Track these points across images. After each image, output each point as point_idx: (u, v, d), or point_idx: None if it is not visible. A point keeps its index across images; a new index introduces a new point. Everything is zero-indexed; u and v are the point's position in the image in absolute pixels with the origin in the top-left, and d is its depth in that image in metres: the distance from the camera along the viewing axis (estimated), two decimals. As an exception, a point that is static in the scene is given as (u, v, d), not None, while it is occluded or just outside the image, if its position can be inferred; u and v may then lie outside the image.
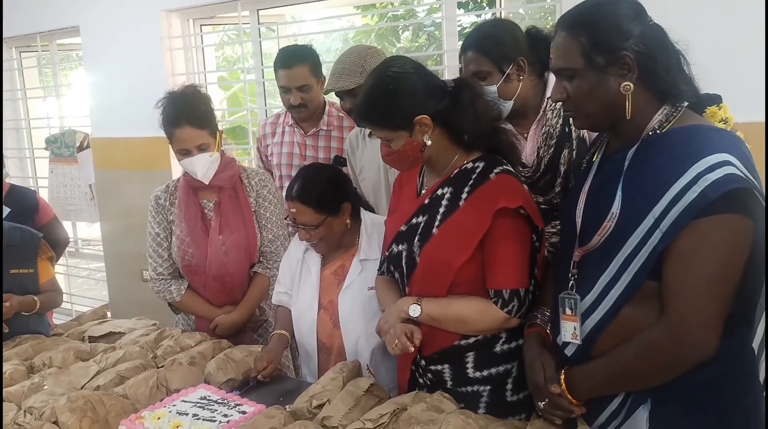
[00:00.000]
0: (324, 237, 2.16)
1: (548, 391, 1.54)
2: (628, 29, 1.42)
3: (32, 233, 2.68)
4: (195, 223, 2.51)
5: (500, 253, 1.75)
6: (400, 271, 1.91)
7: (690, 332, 1.34)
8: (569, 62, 1.47)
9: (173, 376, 2.06)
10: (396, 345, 1.76)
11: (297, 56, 2.90)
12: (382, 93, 1.79)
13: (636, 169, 1.44)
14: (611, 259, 1.45)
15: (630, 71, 1.43)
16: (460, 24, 6.24)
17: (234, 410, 1.87)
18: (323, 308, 2.22)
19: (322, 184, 2.14)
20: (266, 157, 3.16)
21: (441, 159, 1.86)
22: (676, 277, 1.36)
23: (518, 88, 2.10)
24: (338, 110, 3.07)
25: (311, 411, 1.82)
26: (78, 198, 4.85)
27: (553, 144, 2.11)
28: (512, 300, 1.75)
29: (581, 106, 1.50)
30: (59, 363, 2.21)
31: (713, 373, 1.39)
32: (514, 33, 2.12)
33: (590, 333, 1.51)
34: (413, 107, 1.76)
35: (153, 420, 1.81)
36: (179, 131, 2.39)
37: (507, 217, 1.73)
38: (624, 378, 1.47)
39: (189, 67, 4.24)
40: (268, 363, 2.14)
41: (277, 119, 3.14)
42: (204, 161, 2.42)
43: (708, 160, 1.33)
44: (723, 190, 1.30)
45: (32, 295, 2.57)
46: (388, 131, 1.80)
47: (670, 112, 1.46)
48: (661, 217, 1.35)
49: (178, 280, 2.59)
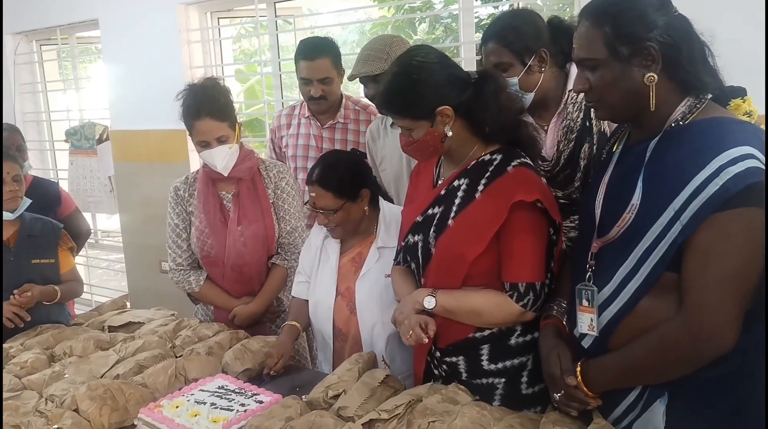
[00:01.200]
0: (342, 223, 2.18)
1: (564, 383, 1.53)
2: (653, 20, 1.40)
3: (53, 224, 2.72)
4: (214, 214, 2.53)
5: (516, 246, 1.74)
6: (416, 261, 1.91)
7: (708, 326, 1.33)
8: (592, 53, 1.46)
9: (191, 366, 2.09)
10: (411, 336, 1.77)
11: (320, 48, 2.90)
12: (405, 82, 1.78)
13: (657, 160, 1.43)
14: (630, 251, 1.44)
15: (654, 62, 1.41)
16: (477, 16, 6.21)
17: (251, 399, 1.89)
18: (340, 295, 2.24)
19: (342, 170, 2.17)
20: (280, 148, 3.17)
21: (460, 150, 1.85)
22: (695, 270, 1.35)
23: (540, 79, 2.08)
24: (355, 103, 3.07)
25: (327, 401, 1.84)
26: (97, 190, 4.90)
27: (573, 138, 2.08)
28: (528, 293, 1.75)
29: (604, 97, 1.49)
30: (80, 352, 2.25)
31: (730, 368, 1.38)
32: (535, 23, 2.09)
33: (607, 325, 1.50)
34: (436, 98, 1.76)
35: (171, 408, 1.83)
36: (199, 123, 2.41)
37: (524, 210, 1.72)
38: (640, 371, 1.46)
39: (206, 60, 4.26)
40: (279, 358, 2.16)
41: (293, 111, 3.14)
42: (223, 153, 2.44)
43: (730, 152, 1.31)
44: (744, 184, 1.29)
45: (53, 285, 2.61)
46: (410, 121, 1.80)
47: (693, 103, 1.44)
48: (682, 210, 1.34)
49: (197, 271, 2.61)
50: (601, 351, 1.52)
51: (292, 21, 4.54)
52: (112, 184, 4.80)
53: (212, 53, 4.31)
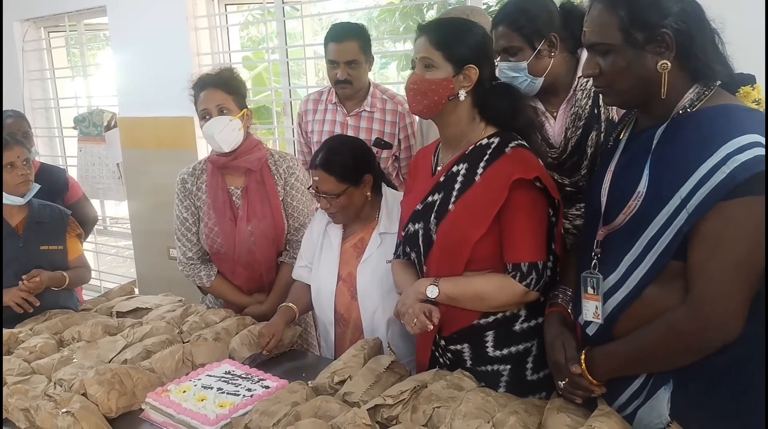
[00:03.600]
0: (344, 208, 2.18)
1: (569, 371, 1.53)
2: (668, 6, 1.38)
3: (61, 211, 2.74)
4: (224, 211, 2.51)
5: (517, 225, 1.75)
6: (417, 250, 1.91)
7: (714, 315, 1.33)
8: (606, 37, 1.43)
9: (198, 351, 2.10)
10: (415, 324, 1.77)
11: (349, 31, 2.88)
12: (464, 23, 1.85)
13: (664, 148, 1.42)
14: (636, 239, 1.43)
15: (668, 50, 1.39)
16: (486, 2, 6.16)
17: (257, 385, 1.91)
18: (342, 280, 2.25)
19: (346, 154, 2.18)
20: (306, 133, 3.13)
21: (458, 128, 1.85)
22: (701, 258, 1.34)
23: (549, 64, 2.06)
24: (383, 92, 3.02)
25: (333, 387, 1.85)
26: (106, 177, 4.92)
27: (581, 125, 2.07)
28: (530, 273, 1.75)
29: (614, 82, 1.47)
30: (88, 337, 2.27)
31: (736, 356, 1.38)
32: (547, 8, 2.07)
33: (612, 312, 1.50)
34: (476, 54, 1.79)
35: (179, 393, 1.85)
36: (203, 93, 2.44)
37: (523, 189, 1.73)
38: (645, 359, 1.46)
39: (214, 47, 4.26)
40: (270, 338, 2.17)
41: (320, 96, 3.10)
42: (222, 123, 2.41)
43: (738, 140, 1.30)
44: (752, 172, 1.28)
45: (61, 270, 2.63)
46: (441, 55, 1.77)
47: (701, 90, 1.42)
48: (688, 198, 1.33)
49: (208, 265, 2.61)
50: (606, 338, 1.52)
51: (300, 8, 4.52)
52: (120, 171, 4.81)
53: (219, 40, 4.30)
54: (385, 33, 9.78)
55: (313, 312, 2.44)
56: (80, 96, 5.22)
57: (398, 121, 2.96)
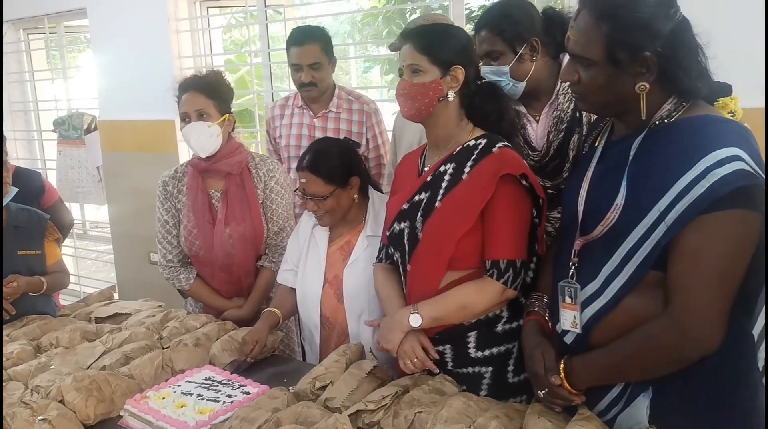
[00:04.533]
0: (331, 210, 2.18)
1: (548, 382, 1.53)
2: (657, 29, 1.36)
3: (39, 215, 2.70)
4: (203, 214, 2.50)
5: (500, 221, 1.77)
6: (401, 249, 1.92)
7: (695, 327, 1.33)
8: (589, 52, 1.42)
9: (178, 357, 2.08)
10: (415, 362, 1.79)
11: (309, 34, 2.91)
12: (445, 26, 1.92)
13: (642, 159, 1.42)
14: (614, 250, 1.43)
15: (649, 72, 1.39)
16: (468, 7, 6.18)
17: (238, 391, 1.89)
18: (328, 283, 2.24)
19: (333, 157, 2.18)
20: (275, 139, 3.16)
21: (446, 129, 1.88)
22: (681, 271, 1.35)
23: (531, 68, 2.08)
24: (348, 93, 3.07)
25: (314, 392, 1.84)
26: (86, 180, 4.87)
27: (563, 129, 2.09)
28: (508, 270, 1.76)
29: (591, 95, 1.48)
30: (66, 343, 2.24)
31: (714, 362, 1.38)
32: (529, 13, 2.09)
33: (589, 321, 1.50)
34: (460, 55, 1.82)
35: (158, 400, 1.83)
36: (185, 96, 2.44)
37: (510, 185, 1.75)
38: (625, 369, 1.46)
39: (195, 50, 4.24)
40: (254, 345, 2.15)
41: (286, 102, 3.14)
42: (199, 129, 2.41)
43: (717, 154, 1.30)
44: (732, 187, 1.28)
45: (39, 276, 2.59)
46: (427, 60, 1.81)
47: (679, 101, 1.42)
48: (667, 211, 1.34)
49: (188, 268, 2.60)
50: (584, 347, 1.52)
51: (282, 11, 4.51)
52: (100, 175, 4.77)
53: (201, 43, 4.28)
54: (369, 37, 9.79)
55: (297, 315, 2.42)
56: (60, 99, 5.17)
57: (365, 120, 3.01)
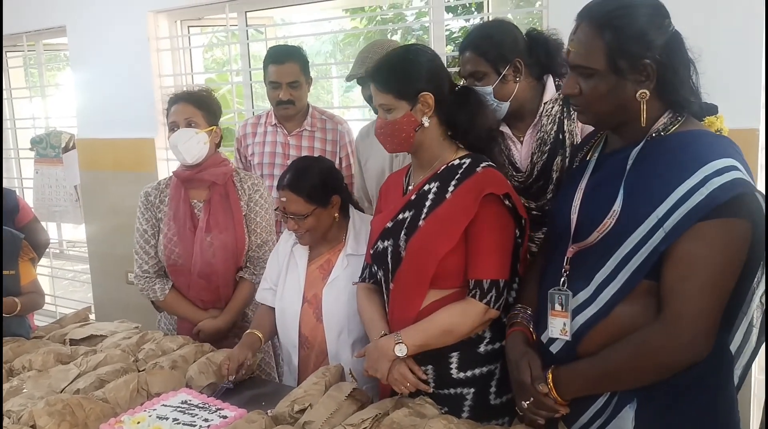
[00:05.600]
0: (312, 228, 2.17)
1: (534, 390, 1.53)
2: (655, 38, 1.41)
3: (13, 234, 2.65)
4: (184, 222, 2.49)
5: (483, 241, 1.77)
6: (384, 268, 1.91)
7: (687, 333, 1.35)
8: (591, 62, 1.46)
9: (154, 380, 2.04)
10: (409, 388, 1.80)
11: (288, 53, 2.95)
12: (400, 58, 1.86)
13: (639, 169, 1.45)
14: (609, 257, 1.45)
15: (648, 80, 1.43)
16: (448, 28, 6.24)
17: (215, 415, 1.86)
18: (307, 302, 2.22)
19: (314, 175, 2.17)
20: (245, 157, 3.16)
21: (431, 151, 1.88)
22: (677, 278, 1.37)
23: (515, 89, 2.10)
24: (321, 113, 3.10)
25: (293, 416, 1.81)
26: (63, 199, 4.81)
27: (546, 150, 2.11)
28: (491, 290, 1.76)
29: (593, 105, 1.50)
30: (39, 366, 2.19)
31: (697, 373, 1.40)
32: (513, 34, 2.12)
33: (580, 329, 1.50)
34: (424, 81, 1.81)
35: (132, 424, 1.79)
36: (174, 107, 2.45)
37: (493, 205, 1.76)
38: (614, 377, 1.46)
39: (176, 69, 4.22)
40: (238, 366, 2.10)
41: (258, 120, 3.15)
42: (187, 135, 2.41)
43: (715, 163, 1.35)
44: (731, 194, 1.32)
45: (13, 296, 2.53)
46: (393, 97, 1.82)
47: (674, 116, 1.47)
48: (665, 218, 1.36)
49: (163, 279, 2.57)
50: (571, 356, 1.52)
51: (264, 30, 4.51)
52: (78, 194, 4.71)
53: (182, 61, 4.26)
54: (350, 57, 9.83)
55: (276, 336, 2.39)
56: (38, 117, 5.12)
57: (338, 139, 3.05)
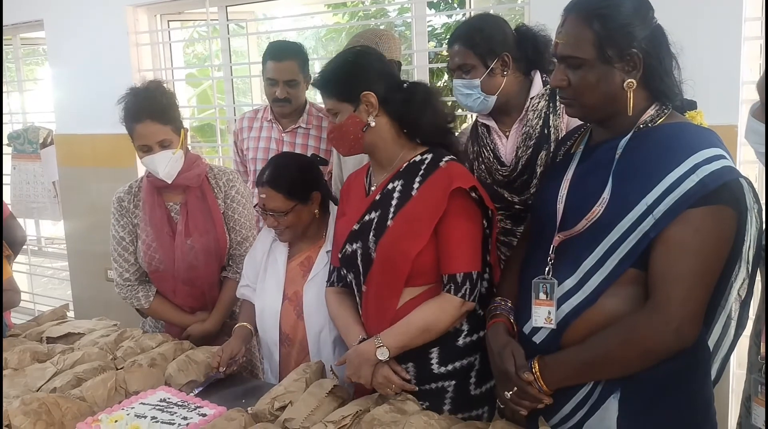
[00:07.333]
0: (291, 225, 2.16)
1: (518, 379, 1.52)
2: (641, 29, 1.44)
3: (-11, 231, 2.62)
4: (161, 227, 2.43)
5: (454, 235, 1.77)
6: (355, 270, 1.90)
7: (676, 319, 1.37)
8: (579, 51, 1.47)
9: (132, 378, 2.02)
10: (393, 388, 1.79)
11: (288, 50, 2.91)
12: (340, 63, 1.88)
13: (628, 158, 1.46)
14: (597, 244, 1.46)
15: (635, 69, 1.45)
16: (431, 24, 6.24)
17: (194, 413, 1.84)
18: (288, 299, 2.21)
19: (294, 171, 2.15)
20: (242, 151, 3.14)
21: (387, 150, 1.88)
22: (666, 264, 1.38)
23: (502, 83, 2.12)
24: (318, 110, 3.06)
25: (273, 413, 1.79)
26: (41, 195, 4.76)
27: (531, 145, 2.12)
28: (465, 283, 1.76)
29: (581, 96, 1.51)
30: (15, 365, 2.15)
31: (679, 365, 1.42)
32: (502, 28, 2.13)
33: (566, 317, 1.51)
34: (363, 82, 1.81)
35: (110, 423, 1.77)
36: (140, 126, 2.31)
37: (461, 199, 1.76)
38: (601, 365, 1.46)
39: (156, 64, 4.18)
40: (231, 358, 2.11)
41: (255, 114, 3.13)
42: (166, 159, 2.33)
43: (704, 152, 1.37)
44: (722, 181, 1.34)
45: (-12, 295, 2.50)
46: (335, 101, 1.84)
47: (661, 109, 1.49)
48: (655, 205, 1.38)
49: (146, 286, 2.51)
50: (554, 346, 1.52)
51: (245, 25, 4.48)
52: (56, 190, 4.66)
53: (162, 56, 4.22)
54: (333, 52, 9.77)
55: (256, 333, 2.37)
56: (16, 112, 5.05)
57: None
